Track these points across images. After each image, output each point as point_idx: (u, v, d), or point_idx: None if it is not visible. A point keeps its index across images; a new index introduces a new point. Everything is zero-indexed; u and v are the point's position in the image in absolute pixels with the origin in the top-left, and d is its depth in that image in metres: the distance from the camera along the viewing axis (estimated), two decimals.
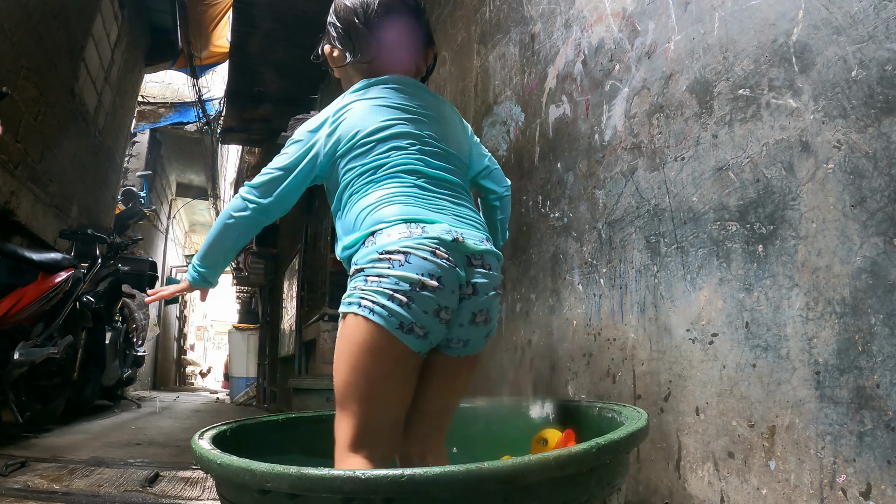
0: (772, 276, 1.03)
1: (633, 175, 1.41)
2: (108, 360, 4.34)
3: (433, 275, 0.92)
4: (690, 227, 1.23)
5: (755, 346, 1.05)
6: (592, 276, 1.55)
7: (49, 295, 2.91)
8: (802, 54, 1.01)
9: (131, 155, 8.87)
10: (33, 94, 4.03)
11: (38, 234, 4.28)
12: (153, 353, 10.89)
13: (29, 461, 2.14)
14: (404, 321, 0.91)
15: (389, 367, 0.93)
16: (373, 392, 0.93)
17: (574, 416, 1.23)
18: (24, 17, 3.76)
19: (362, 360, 0.92)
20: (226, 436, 1.04)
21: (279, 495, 0.72)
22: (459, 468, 0.67)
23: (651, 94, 1.38)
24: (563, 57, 1.77)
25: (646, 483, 1.29)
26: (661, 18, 1.36)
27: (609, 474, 0.82)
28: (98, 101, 5.68)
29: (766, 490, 1.01)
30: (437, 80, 2.93)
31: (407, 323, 0.91)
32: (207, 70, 8.56)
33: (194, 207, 13.99)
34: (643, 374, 1.33)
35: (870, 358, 0.87)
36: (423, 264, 0.91)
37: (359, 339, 0.92)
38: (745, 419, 1.06)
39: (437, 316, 0.93)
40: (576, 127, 1.68)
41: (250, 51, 5.18)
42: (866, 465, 0.86)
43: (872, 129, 0.89)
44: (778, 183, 1.04)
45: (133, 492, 1.82)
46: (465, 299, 0.97)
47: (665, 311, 1.28)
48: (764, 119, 1.08)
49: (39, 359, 2.83)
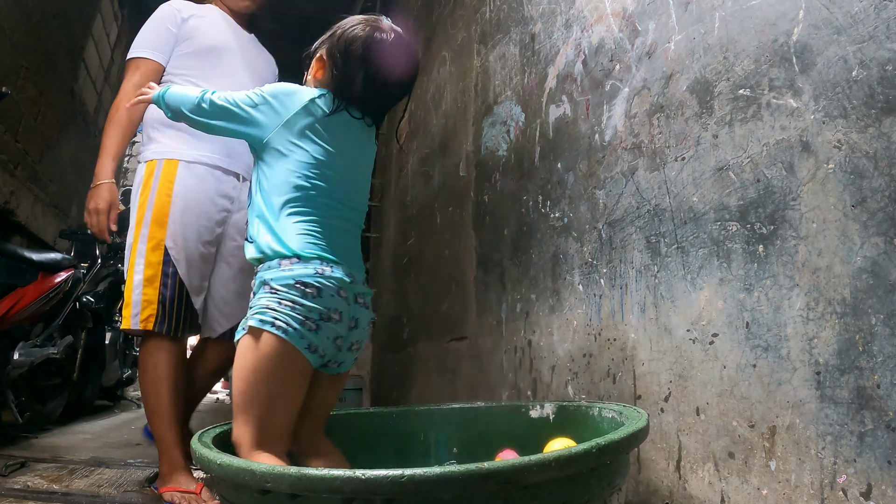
0: (772, 276, 1.03)
1: (634, 175, 1.41)
2: (108, 361, 4.34)
3: (337, 310, 1.10)
4: (691, 227, 1.23)
5: (756, 346, 1.05)
6: (593, 277, 1.55)
7: (49, 295, 2.90)
8: (803, 54, 1.01)
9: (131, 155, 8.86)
10: (33, 94, 4.03)
11: (38, 234, 4.27)
12: None
13: (28, 461, 2.14)
14: (311, 343, 1.08)
15: (294, 378, 1.09)
16: (279, 397, 1.07)
17: (574, 416, 1.23)
18: (23, 17, 3.75)
19: (273, 370, 1.06)
20: (226, 436, 1.04)
21: (279, 496, 0.72)
22: (460, 468, 0.67)
23: (651, 94, 1.38)
24: (563, 57, 1.77)
25: (646, 483, 1.29)
26: (661, 18, 1.36)
27: (609, 474, 0.82)
28: (98, 101, 5.67)
29: (766, 490, 1.01)
30: (437, 81, 2.93)
31: (313, 345, 1.08)
32: None
33: None
34: (643, 374, 1.33)
35: (870, 358, 0.87)
36: (330, 301, 1.09)
37: (270, 353, 1.06)
38: (746, 419, 1.06)
39: (334, 343, 1.12)
40: (576, 127, 1.68)
41: None
42: (867, 466, 0.86)
43: (873, 129, 0.89)
44: (778, 183, 1.04)
45: (133, 492, 1.81)
46: (350, 330, 1.15)
47: (665, 311, 1.28)
48: (764, 119, 1.08)
49: (39, 359, 2.83)
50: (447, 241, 2.60)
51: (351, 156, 1.23)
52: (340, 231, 1.18)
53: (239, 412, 1.06)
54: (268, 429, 1.05)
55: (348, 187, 1.22)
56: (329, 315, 1.09)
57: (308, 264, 1.09)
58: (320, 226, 1.14)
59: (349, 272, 1.13)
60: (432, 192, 2.88)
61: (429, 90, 3.04)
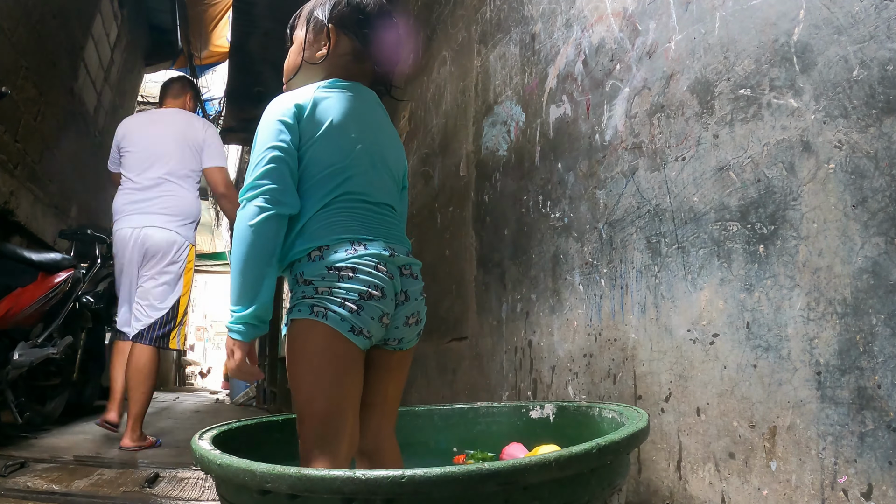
0: (773, 276, 1.03)
1: (634, 175, 1.41)
2: (108, 361, 4.34)
3: (378, 285, 1.01)
4: (691, 227, 1.22)
5: (756, 346, 1.05)
6: (593, 277, 1.55)
7: (49, 295, 2.90)
8: (803, 54, 1.01)
9: None
10: (33, 93, 4.03)
11: (38, 234, 4.27)
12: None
13: (28, 462, 2.14)
14: (355, 325, 1.00)
15: (343, 364, 1.01)
16: (331, 387, 0.99)
17: (574, 416, 1.23)
18: (23, 16, 3.75)
19: (319, 360, 0.99)
20: (226, 436, 1.04)
21: (279, 496, 0.72)
22: (460, 469, 0.67)
23: (652, 93, 1.37)
24: (563, 57, 1.77)
25: (646, 484, 1.29)
26: (661, 18, 1.36)
27: (610, 475, 0.82)
28: (98, 101, 5.67)
29: (766, 491, 1.01)
30: (437, 81, 2.93)
31: (357, 327, 1.00)
32: (207, 70, 8.56)
33: None
34: (644, 374, 1.33)
35: (871, 358, 0.87)
36: (368, 279, 1.01)
37: (314, 342, 0.99)
38: (746, 420, 1.06)
39: (380, 321, 1.03)
40: (576, 127, 1.68)
41: (250, 51, 5.19)
42: (867, 466, 0.86)
43: (874, 129, 0.89)
44: (779, 183, 1.04)
45: (133, 492, 1.81)
46: (400, 305, 1.07)
47: (666, 311, 1.28)
48: (765, 119, 1.08)
49: (39, 359, 2.83)
50: (447, 241, 2.60)
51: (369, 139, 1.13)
52: (371, 214, 1.09)
53: (296, 411, 1.01)
54: (329, 424, 0.98)
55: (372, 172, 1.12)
56: (369, 293, 1.00)
57: (337, 247, 1.01)
58: (346, 216, 1.06)
59: (388, 246, 1.05)
60: (432, 192, 2.88)
61: (429, 90, 3.04)
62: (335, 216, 1.05)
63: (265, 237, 0.99)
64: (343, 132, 1.09)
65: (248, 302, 0.99)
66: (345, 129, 1.09)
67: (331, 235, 1.03)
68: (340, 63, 1.16)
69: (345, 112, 1.10)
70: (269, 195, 1.00)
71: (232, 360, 1.03)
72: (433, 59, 3.02)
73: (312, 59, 1.16)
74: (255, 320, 1.00)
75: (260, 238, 0.99)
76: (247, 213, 1.00)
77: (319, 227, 1.04)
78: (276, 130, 1.05)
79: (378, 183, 1.12)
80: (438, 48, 2.96)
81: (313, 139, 1.07)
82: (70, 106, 4.87)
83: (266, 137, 1.05)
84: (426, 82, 3.09)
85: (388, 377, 1.13)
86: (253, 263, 0.99)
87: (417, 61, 3.21)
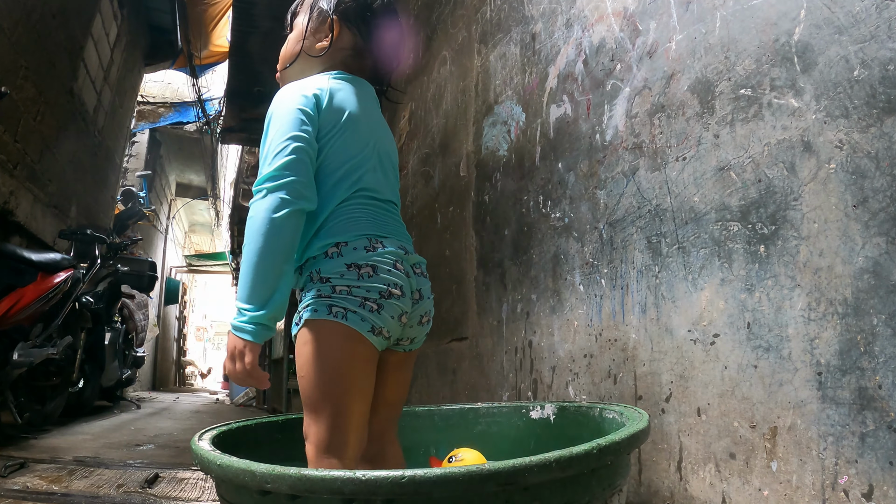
0: (773, 276, 1.03)
1: (635, 175, 1.41)
2: (108, 361, 4.34)
3: (397, 283, 0.99)
4: (692, 227, 1.22)
5: (757, 346, 1.05)
6: (593, 277, 1.55)
7: (48, 295, 2.90)
8: (804, 54, 1.01)
9: (131, 155, 8.86)
10: (32, 93, 4.02)
11: (37, 234, 4.27)
12: (153, 354, 10.88)
13: (28, 462, 2.14)
14: (375, 325, 0.97)
15: (361, 366, 0.98)
16: (347, 389, 0.96)
17: (575, 416, 1.22)
18: (23, 16, 3.75)
19: (334, 362, 0.96)
20: (225, 437, 1.03)
21: (279, 496, 0.71)
22: (460, 469, 0.67)
23: (652, 93, 1.37)
24: (564, 56, 1.77)
25: (647, 484, 1.29)
26: (662, 18, 1.36)
27: (610, 475, 0.81)
28: (97, 101, 5.67)
29: (767, 491, 1.01)
30: (437, 80, 2.93)
31: (377, 326, 0.97)
32: (207, 70, 8.56)
33: (194, 207, 13.99)
34: (644, 374, 1.33)
35: (872, 359, 0.87)
36: (388, 276, 0.98)
37: (331, 343, 0.96)
38: (747, 420, 1.06)
39: (399, 320, 1.01)
40: (577, 127, 1.67)
41: (250, 50, 5.18)
42: (868, 466, 0.86)
43: (874, 128, 0.89)
44: (780, 183, 1.04)
45: (133, 493, 1.81)
46: (415, 303, 1.05)
47: (666, 311, 1.28)
48: (766, 119, 1.07)
49: (38, 359, 2.83)
50: (447, 241, 2.59)
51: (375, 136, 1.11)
52: (381, 211, 1.07)
53: (306, 412, 0.97)
54: (339, 427, 0.95)
55: (380, 169, 1.10)
56: (389, 291, 0.97)
57: (357, 244, 0.99)
58: (361, 213, 1.03)
59: (400, 244, 1.04)
60: (432, 192, 2.87)
61: (429, 90, 3.04)
62: (353, 212, 1.02)
63: (288, 231, 0.94)
64: (357, 127, 1.06)
65: (264, 300, 0.92)
66: (358, 124, 1.06)
67: (349, 232, 1.00)
68: (339, 57, 1.13)
69: (357, 106, 1.08)
70: (292, 188, 0.94)
71: (240, 363, 0.93)
72: (433, 59, 3.02)
73: (312, 50, 1.13)
74: (269, 321, 0.93)
75: (282, 232, 0.93)
76: (268, 204, 0.93)
77: (337, 223, 1.00)
78: (297, 120, 0.99)
79: (384, 180, 1.10)
80: (439, 48, 2.96)
81: (331, 132, 1.03)
82: (70, 106, 4.87)
83: (287, 126, 0.99)
84: (426, 82, 3.09)
85: (394, 379, 1.11)
86: (272, 259, 0.92)
87: (418, 61, 3.21)
